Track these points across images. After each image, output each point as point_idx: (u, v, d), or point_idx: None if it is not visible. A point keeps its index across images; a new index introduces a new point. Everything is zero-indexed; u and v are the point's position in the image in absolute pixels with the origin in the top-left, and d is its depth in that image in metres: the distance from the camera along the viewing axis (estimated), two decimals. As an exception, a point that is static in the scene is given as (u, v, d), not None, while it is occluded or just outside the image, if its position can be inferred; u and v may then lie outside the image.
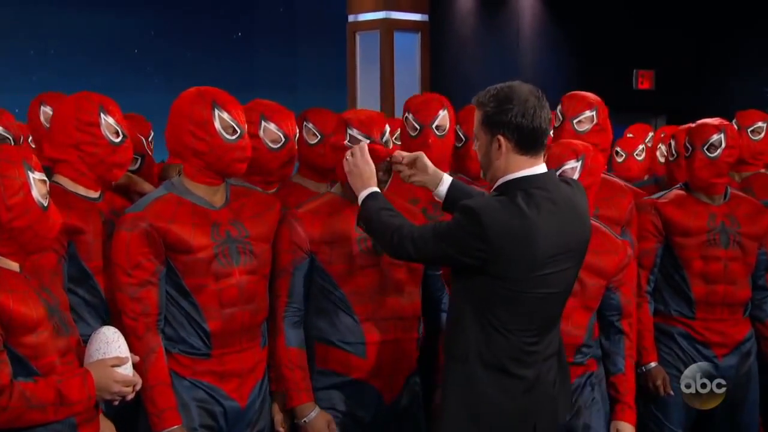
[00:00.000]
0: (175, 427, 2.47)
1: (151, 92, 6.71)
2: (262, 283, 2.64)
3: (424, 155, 2.58)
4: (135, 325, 2.47)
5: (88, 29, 6.97)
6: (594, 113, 3.31)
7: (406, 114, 3.26)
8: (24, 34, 6.72)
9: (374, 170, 2.49)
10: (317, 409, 2.67)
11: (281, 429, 2.72)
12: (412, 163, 2.58)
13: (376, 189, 2.47)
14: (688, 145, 3.36)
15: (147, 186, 3.02)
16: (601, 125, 3.33)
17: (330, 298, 2.68)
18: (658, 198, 3.40)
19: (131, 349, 2.35)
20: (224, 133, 2.52)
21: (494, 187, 2.34)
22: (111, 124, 2.64)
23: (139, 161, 3.11)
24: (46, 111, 3.25)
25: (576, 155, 2.82)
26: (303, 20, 8.15)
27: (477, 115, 2.35)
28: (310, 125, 3.38)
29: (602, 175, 3.02)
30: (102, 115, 2.63)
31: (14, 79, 5.74)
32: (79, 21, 6.93)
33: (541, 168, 2.33)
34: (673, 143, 3.65)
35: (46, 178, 2.22)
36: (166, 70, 7.22)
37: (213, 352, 2.55)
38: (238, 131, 2.55)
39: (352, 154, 2.52)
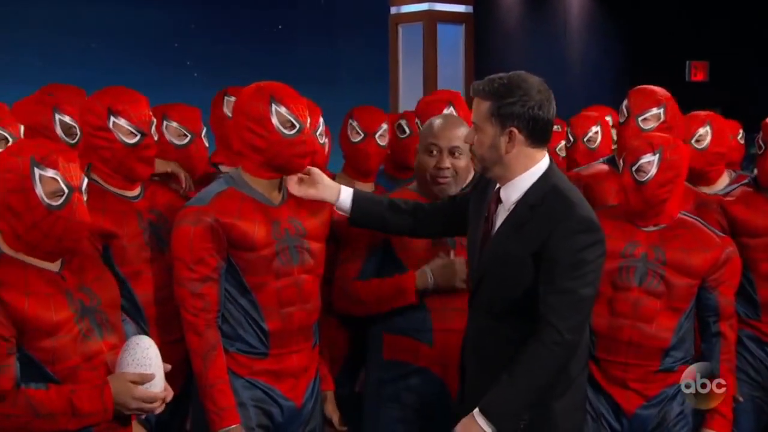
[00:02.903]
0: (234, 426, 2.43)
1: (191, 86, 6.70)
2: (317, 283, 2.62)
3: (316, 169, 2.54)
4: (196, 321, 2.43)
5: (129, 24, 7.00)
6: (662, 111, 3.17)
7: (416, 121, 3.30)
8: (64, 29, 6.76)
9: (467, 420, 2.26)
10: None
11: (343, 428, 2.74)
12: (304, 177, 2.52)
13: (475, 410, 2.24)
14: (761, 142, 3.25)
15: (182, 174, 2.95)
16: (668, 123, 3.18)
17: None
18: (724, 196, 3.29)
19: (191, 346, 2.38)
20: (282, 129, 2.46)
21: (526, 190, 2.28)
22: (122, 125, 2.56)
23: (188, 138, 3.02)
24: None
25: (652, 149, 2.73)
26: (344, 12, 8.11)
27: (482, 106, 2.26)
28: (354, 123, 3.32)
29: None
30: (112, 117, 2.55)
31: (55, 74, 5.75)
32: (120, 16, 6.97)
33: (547, 157, 2.33)
34: (760, 135, 3.49)
35: (57, 177, 2.11)
36: (205, 64, 7.23)
37: (271, 351, 2.52)
38: (297, 126, 2.48)
39: None
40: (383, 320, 2.75)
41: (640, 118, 3.16)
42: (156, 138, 2.66)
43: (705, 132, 3.42)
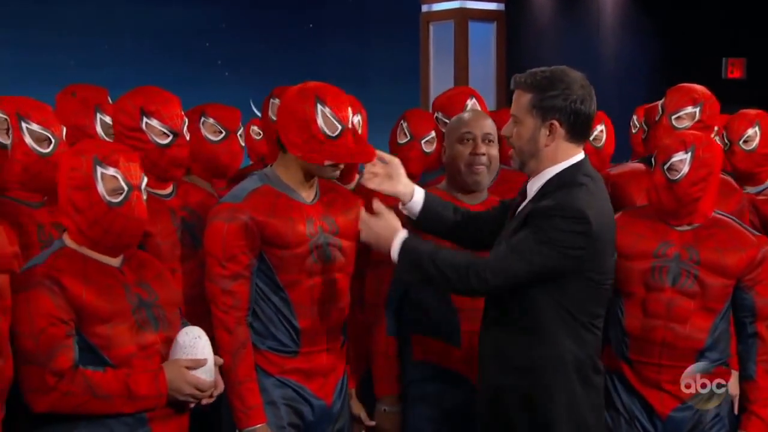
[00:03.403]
0: (261, 425, 2.44)
1: (222, 85, 6.74)
2: (347, 281, 2.61)
3: (397, 161, 2.49)
4: (226, 319, 2.44)
5: (160, 23, 7.08)
6: (697, 110, 3.13)
7: (436, 114, 3.26)
8: (98, 28, 6.84)
9: (389, 218, 2.36)
10: (399, 405, 2.73)
11: (372, 422, 2.75)
12: (384, 167, 2.47)
13: (405, 233, 2.33)
14: None
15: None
16: (705, 122, 3.12)
17: (429, 288, 2.66)
18: (757, 194, 3.27)
19: (221, 342, 2.39)
20: (326, 130, 2.45)
21: (546, 180, 2.28)
22: (155, 126, 2.58)
23: (222, 134, 3.03)
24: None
25: (685, 147, 2.68)
26: (375, 11, 8.12)
27: (523, 99, 2.26)
28: (405, 124, 3.33)
29: None
30: (144, 118, 2.57)
31: (88, 73, 5.83)
32: (152, 15, 7.04)
33: (582, 154, 2.31)
34: None
35: (118, 175, 2.20)
36: (236, 63, 7.28)
37: (301, 350, 2.52)
38: (340, 127, 2.47)
39: (364, 222, 2.40)
40: (411, 322, 2.75)
41: (673, 117, 3.12)
42: (188, 137, 2.67)
43: (754, 133, 3.33)
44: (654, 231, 2.74)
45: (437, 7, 8.30)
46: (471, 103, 3.27)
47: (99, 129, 2.96)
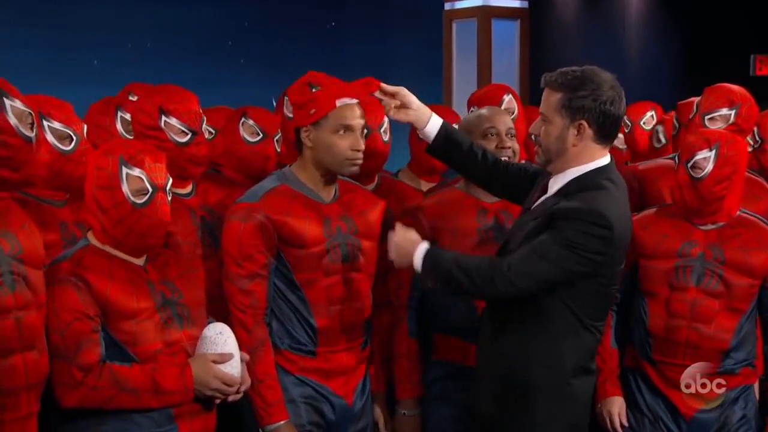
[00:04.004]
0: (283, 422, 2.46)
1: (244, 84, 6.76)
2: (368, 282, 2.61)
3: (405, 90, 2.49)
4: (244, 318, 2.45)
5: (183, 22, 7.12)
6: (733, 112, 3.04)
7: (471, 109, 3.24)
8: (121, 27, 6.88)
9: (412, 233, 2.35)
10: (419, 408, 2.73)
11: (387, 431, 2.76)
12: (394, 97, 2.47)
13: (426, 244, 2.32)
14: None
15: None
16: (740, 126, 3.03)
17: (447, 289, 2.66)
18: None
19: (239, 342, 2.37)
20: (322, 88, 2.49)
21: (569, 180, 2.27)
22: (173, 125, 2.61)
23: (260, 137, 3.06)
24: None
25: (709, 144, 2.66)
26: (398, 9, 8.11)
27: (552, 98, 2.25)
28: None
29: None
30: (163, 117, 2.60)
31: (111, 72, 5.89)
32: (174, 14, 7.08)
33: (608, 158, 2.31)
34: None
35: (143, 176, 2.21)
36: (259, 62, 7.29)
37: (318, 349, 2.53)
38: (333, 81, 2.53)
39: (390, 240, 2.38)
40: (432, 321, 2.75)
41: (706, 117, 3.05)
42: (206, 136, 2.68)
43: None
44: (678, 230, 2.72)
45: (460, 4, 8.27)
46: (507, 99, 3.27)
47: (119, 126, 2.98)
